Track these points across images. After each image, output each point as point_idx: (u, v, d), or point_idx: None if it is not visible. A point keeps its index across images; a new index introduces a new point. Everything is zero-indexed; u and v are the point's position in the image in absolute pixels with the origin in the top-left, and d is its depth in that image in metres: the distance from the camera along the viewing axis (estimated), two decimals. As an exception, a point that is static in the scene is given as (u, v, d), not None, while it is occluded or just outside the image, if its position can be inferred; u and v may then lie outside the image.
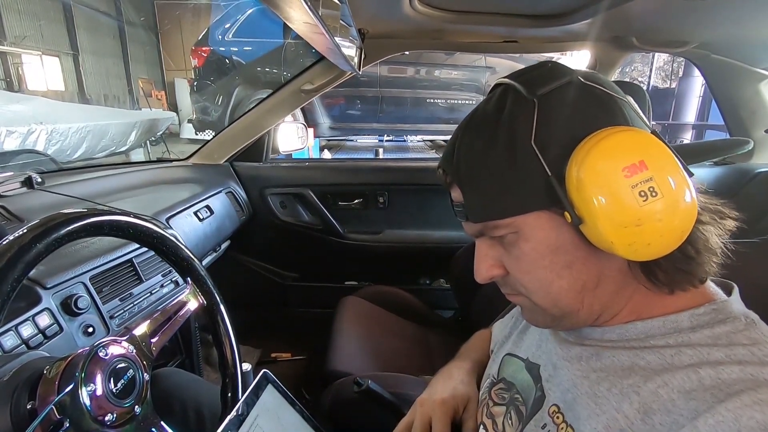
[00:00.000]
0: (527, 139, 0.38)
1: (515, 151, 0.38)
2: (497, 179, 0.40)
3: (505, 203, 0.40)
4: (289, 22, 0.76)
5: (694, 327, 0.38)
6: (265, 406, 0.53)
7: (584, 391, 0.39)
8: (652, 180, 0.34)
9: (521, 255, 0.41)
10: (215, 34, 5.10)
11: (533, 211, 0.39)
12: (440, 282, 1.80)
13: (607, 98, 0.39)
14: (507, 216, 0.40)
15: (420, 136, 6.99)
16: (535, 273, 0.41)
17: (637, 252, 0.35)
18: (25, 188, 0.95)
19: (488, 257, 0.44)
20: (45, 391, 0.41)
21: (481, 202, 0.41)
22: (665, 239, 0.35)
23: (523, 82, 0.40)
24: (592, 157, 0.35)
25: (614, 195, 0.34)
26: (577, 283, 0.40)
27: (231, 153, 1.59)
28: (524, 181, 0.39)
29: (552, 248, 0.39)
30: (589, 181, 0.35)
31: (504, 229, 0.41)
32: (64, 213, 0.44)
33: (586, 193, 0.35)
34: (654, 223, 0.34)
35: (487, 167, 0.40)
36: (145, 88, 11.01)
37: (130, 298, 0.83)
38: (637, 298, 0.41)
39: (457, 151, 0.43)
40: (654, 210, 0.34)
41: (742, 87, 1.33)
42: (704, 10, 0.85)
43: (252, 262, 1.78)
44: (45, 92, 8.23)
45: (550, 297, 0.41)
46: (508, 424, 0.47)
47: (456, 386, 0.58)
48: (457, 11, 1.08)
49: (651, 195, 0.34)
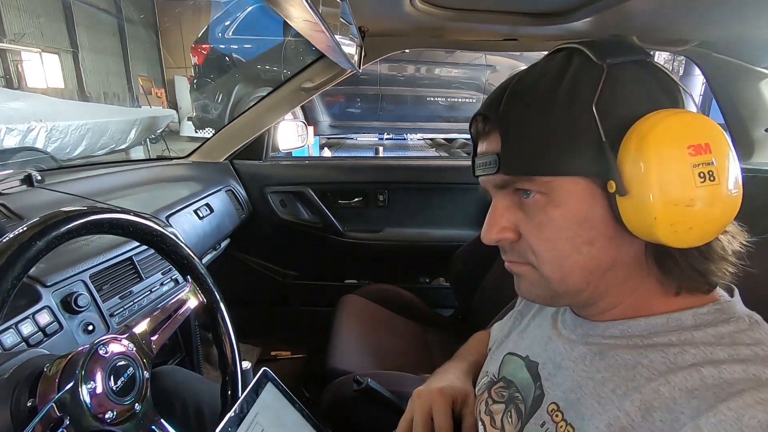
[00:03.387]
0: (588, 101, 0.37)
1: (573, 111, 0.38)
2: (547, 134, 0.38)
3: (549, 160, 0.38)
4: (289, 19, 0.76)
5: (698, 326, 0.37)
6: (264, 404, 0.53)
7: (589, 392, 0.39)
8: (714, 164, 0.34)
9: (546, 221, 0.40)
10: (215, 31, 5.09)
11: (574, 176, 0.38)
12: (440, 280, 1.80)
13: (674, 86, 0.39)
14: (548, 173, 0.38)
15: (420, 135, 6.99)
16: (555, 242, 0.40)
17: (675, 234, 0.35)
18: (24, 186, 0.95)
19: (503, 218, 0.43)
20: (45, 388, 0.41)
21: (523, 153, 0.39)
22: (707, 227, 0.35)
23: (593, 49, 0.39)
24: (659, 130, 0.34)
25: (675, 170, 0.34)
26: (592, 262, 0.39)
27: (231, 151, 1.58)
28: (575, 143, 0.38)
29: (580, 220, 0.39)
30: (652, 151, 0.34)
31: (536, 186, 0.39)
32: (64, 211, 0.44)
33: (644, 164, 0.34)
34: (704, 207, 0.34)
35: (539, 120, 0.39)
36: (145, 85, 10.99)
37: (130, 296, 0.83)
38: (640, 293, 0.41)
39: (508, 98, 0.41)
40: (708, 194, 0.34)
41: (742, 86, 1.33)
42: (705, 8, 0.85)
43: (252, 261, 1.78)
44: (45, 90, 8.22)
45: (562, 271, 0.40)
46: (507, 421, 0.47)
47: (453, 381, 0.58)
48: (458, 9, 1.08)
49: (709, 179, 0.34)
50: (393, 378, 0.92)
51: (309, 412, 0.59)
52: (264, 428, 0.51)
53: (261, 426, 0.51)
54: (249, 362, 0.67)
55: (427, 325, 1.34)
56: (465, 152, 6.04)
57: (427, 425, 0.53)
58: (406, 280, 1.76)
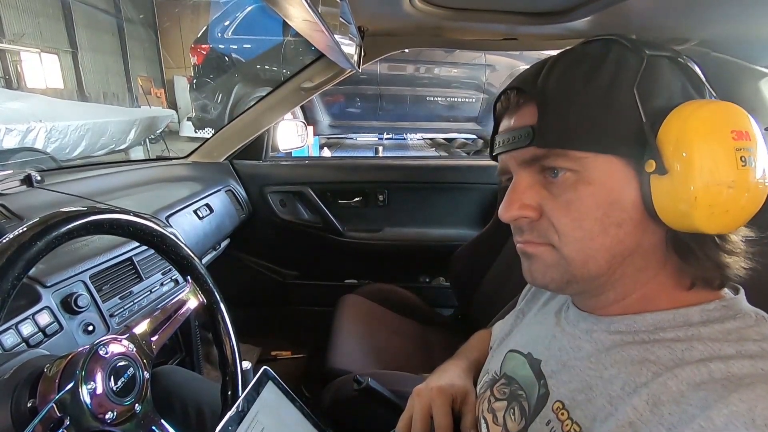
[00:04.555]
0: (630, 84, 0.38)
1: (614, 91, 0.38)
2: (587, 110, 0.39)
3: (587, 135, 0.39)
4: (289, 19, 0.76)
5: (705, 322, 0.38)
6: (265, 403, 0.53)
7: (599, 392, 0.39)
8: (752, 151, 0.35)
9: (575, 199, 0.39)
10: (215, 31, 5.08)
11: (610, 154, 0.38)
12: (440, 280, 1.80)
13: (702, 85, 0.41)
14: (584, 148, 0.38)
15: (420, 134, 6.98)
16: (583, 222, 0.39)
17: (711, 216, 0.35)
18: (24, 186, 0.95)
19: (525, 195, 0.42)
20: (45, 389, 0.41)
21: (561, 125, 0.39)
22: (740, 213, 0.36)
23: (629, 41, 0.41)
24: (702, 114, 0.36)
25: (720, 151, 0.35)
26: (618, 246, 0.39)
27: (231, 151, 1.58)
28: (614, 121, 0.38)
29: (611, 200, 0.39)
30: (697, 133, 0.35)
31: (568, 163, 0.39)
32: (64, 211, 0.44)
33: (688, 145, 0.35)
34: (742, 191, 0.35)
35: (580, 95, 0.39)
36: (145, 85, 10.98)
37: (130, 296, 0.83)
38: (651, 286, 0.41)
39: (548, 72, 0.41)
40: (747, 178, 0.35)
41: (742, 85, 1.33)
42: (704, 7, 0.85)
43: (252, 261, 1.78)
44: (44, 90, 8.22)
45: (586, 252, 0.40)
46: (510, 418, 0.47)
47: (453, 379, 0.58)
48: (457, 9, 1.08)
49: (748, 163, 0.35)
50: (393, 378, 0.92)
51: (310, 410, 0.59)
52: (264, 427, 0.51)
53: (262, 425, 0.51)
54: (249, 362, 0.67)
55: (427, 325, 1.34)
56: (464, 152, 6.04)
57: (426, 423, 0.53)
58: (406, 279, 1.76)
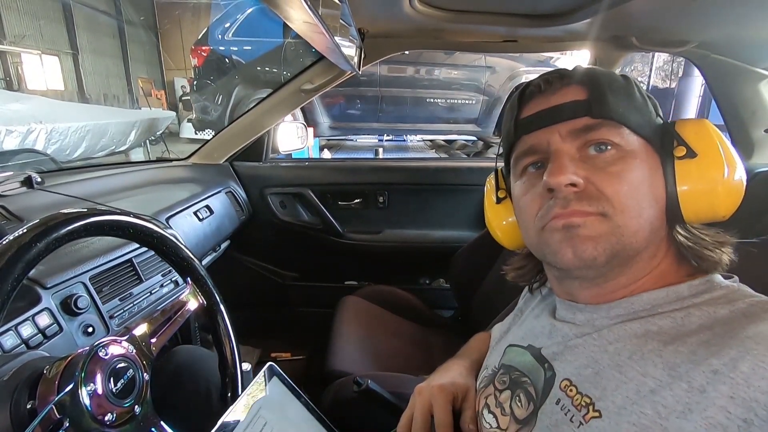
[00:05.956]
0: (641, 89, 0.47)
1: (643, 94, 0.46)
2: (630, 97, 0.45)
3: (632, 116, 0.44)
4: (289, 21, 0.76)
5: (695, 294, 0.41)
6: (269, 399, 0.53)
7: (606, 364, 0.40)
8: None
9: (626, 170, 0.42)
10: (215, 33, 5.09)
11: (646, 140, 0.44)
12: (440, 282, 1.80)
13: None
14: (632, 125, 0.44)
15: (420, 136, 6.99)
16: (636, 193, 0.42)
17: (729, 196, 0.43)
18: (24, 188, 0.95)
19: (572, 164, 0.42)
20: (45, 390, 0.41)
21: (613, 101, 0.44)
22: (738, 199, 0.43)
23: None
24: (704, 123, 0.45)
25: (728, 148, 0.44)
26: (654, 223, 0.43)
27: (231, 153, 1.59)
28: (649, 115, 0.46)
29: (652, 179, 0.43)
30: (710, 131, 0.44)
31: (617, 136, 0.43)
32: (64, 213, 0.44)
33: (708, 138, 0.43)
34: (741, 182, 0.43)
35: (622, 87, 0.45)
36: (145, 87, 10.99)
37: (129, 297, 0.83)
38: (654, 273, 0.44)
39: (591, 69, 0.47)
40: (741, 171, 0.43)
41: (742, 87, 1.33)
42: (704, 9, 0.85)
43: (252, 262, 1.78)
44: (44, 91, 8.22)
45: (638, 221, 0.41)
46: (516, 405, 0.47)
47: (455, 377, 0.58)
48: (457, 11, 1.08)
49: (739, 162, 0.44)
50: (393, 379, 0.92)
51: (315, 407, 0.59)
52: (267, 422, 0.51)
53: (264, 420, 0.51)
54: (249, 364, 0.67)
55: (427, 327, 1.33)
56: (464, 153, 6.05)
57: (427, 422, 0.53)
58: (406, 281, 1.76)
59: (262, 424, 0.51)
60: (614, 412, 0.36)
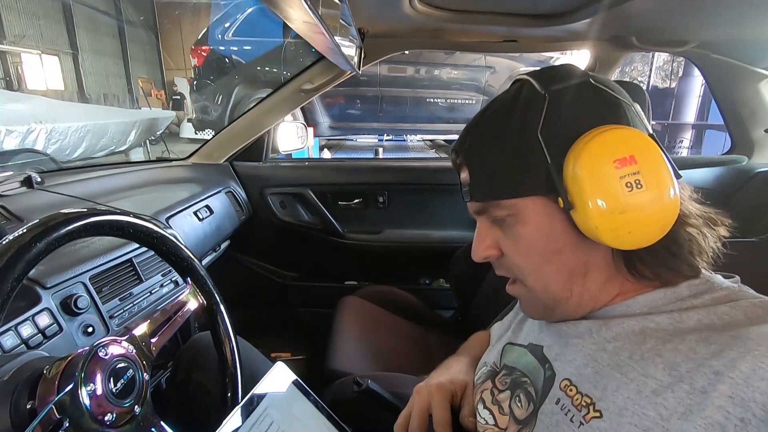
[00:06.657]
0: (534, 130, 0.41)
1: (523, 139, 0.42)
2: (503, 163, 0.44)
3: (508, 186, 0.44)
4: (289, 21, 0.76)
5: (695, 294, 0.41)
6: (276, 397, 0.53)
7: (606, 363, 0.40)
8: (639, 174, 0.38)
9: (519, 238, 0.44)
10: (215, 33, 5.09)
11: (532, 196, 0.43)
12: (440, 282, 1.80)
13: (614, 100, 0.42)
14: (508, 197, 0.44)
15: (420, 136, 6.99)
16: (529, 256, 0.45)
17: (619, 239, 0.39)
18: (24, 188, 0.95)
19: (486, 238, 0.48)
20: (45, 390, 0.41)
21: (486, 182, 0.45)
22: (648, 229, 0.39)
23: (539, 78, 0.44)
24: (588, 149, 0.39)
25: (604, 183, 0.38)
26: (565, 269, 0.43)
27: (231, 152, 1.59)
28: (527, 168, 0.42)
29: (545, 234, 0.43)
30: (583, 169, 0.39)
31: (504, 210, 0.44)
32: (64, 213, 0.44)
33: (580, 181, 0.39)
34: (637, 213, 0.38)
35: (495, 152, 0.44)
36: (145, 87, 10.99)
37: (129, 297, 0.83)
38: (627, 286, 0.44)
39: (471, 134, 0.47)
40: (638, 201, 0.38)
41: (742, 87, 1.33)
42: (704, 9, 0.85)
43: (252, 262, 1.78)
44: (44, 91, 8.22)
45: (541, 281, 0.45)
46: (516, 405, 0.47)
47: (454, 374, 0.58)
48: (457, 11, 1.08)
49: (636, 187, 0.38)
50: (393, 379, 0.92)
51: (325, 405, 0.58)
52: (274, 420, 0.51)
53: (271, 418, 0.51)
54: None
55: (427, 327, 1.33)
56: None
57: (424, 420, 0.53)
58: (406, 281, 1.76)
59: (268, 423, 0.51)
60: (615, 412, 0.36)
